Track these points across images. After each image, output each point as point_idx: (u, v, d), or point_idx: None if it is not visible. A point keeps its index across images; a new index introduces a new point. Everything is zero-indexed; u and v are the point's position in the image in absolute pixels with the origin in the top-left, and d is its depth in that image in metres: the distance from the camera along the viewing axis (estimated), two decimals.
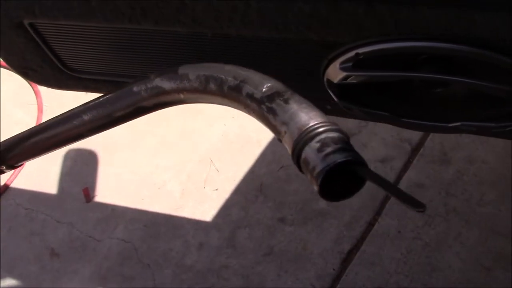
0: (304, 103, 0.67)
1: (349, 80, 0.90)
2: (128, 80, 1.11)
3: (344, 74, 0.89)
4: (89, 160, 2.14)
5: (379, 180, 0.61)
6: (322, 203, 1.92)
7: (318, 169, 0.62)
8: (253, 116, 0.72)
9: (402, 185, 1.92)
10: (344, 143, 0.62)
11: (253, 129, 2.14)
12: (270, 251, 1.86)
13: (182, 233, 1.93)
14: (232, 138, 2.13)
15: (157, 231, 1.94)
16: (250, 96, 0.69)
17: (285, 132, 0.66)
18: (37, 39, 1.05)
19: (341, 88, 0.93)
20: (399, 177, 1.94)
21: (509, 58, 0.81)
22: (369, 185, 0.66)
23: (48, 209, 2.03)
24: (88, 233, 1.97)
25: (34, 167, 2.13)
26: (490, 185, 1.87)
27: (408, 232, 1.82)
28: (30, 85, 2.32)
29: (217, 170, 2.06)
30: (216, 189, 2.01)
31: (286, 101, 0.67)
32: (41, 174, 2.12)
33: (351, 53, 0.86)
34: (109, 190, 2.05)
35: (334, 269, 1.79)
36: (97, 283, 1.86)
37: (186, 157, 2.10)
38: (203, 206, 1.98)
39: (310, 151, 0.63)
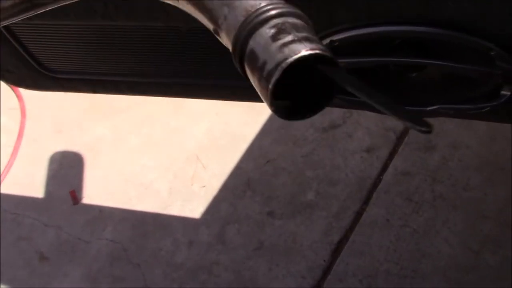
0: None
1: None
2: (104, 78, 1.11)
3: None
4: (75, 163, 2.12)
5: (359, 86, 0.46)
6: (310, 195, 1.92)
7: (270, 65, 0.44)
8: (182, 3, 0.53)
9: (389, 174, 1.92)
10: (310, 32, 0.46)
11: (238, 125, 2.13)
12: (260, 246, 1.86)
13: (171, 232, 1.93)
14: (217, 135, 2.13)
15: (146, 230, 1.94)
16: None
17: (225, 18, 0.48)
18: (11, 40, 1.04)
19: None
20: (385, 166, 1.94)
21: (481, 39, 0.82)
22: (355, 173, 0.57)
23: (35, 213, 2.02)
24: (76, 235, 1.96)
25: (20, 171, 2.12)
26: (475, 170, 1.88)
27: (396, 220, 1.83)
28: (12, 89, 2.30)
29: (204, 167, 2.05)
30: (204, 186, 2.01)
31: None
32: (27, 178, 2.10)
33: (326, 41, 0.87)
34: (96, 192, 2.04)
35: (324, 260, 1.80)
36: (88, 285, 1.85)
37: (172, 156, 2.09)
38: (191, 204, 1.98)
39: (260, 40, 0.46)
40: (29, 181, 2.10)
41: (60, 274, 1.89)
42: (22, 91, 2.30)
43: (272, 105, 0.45)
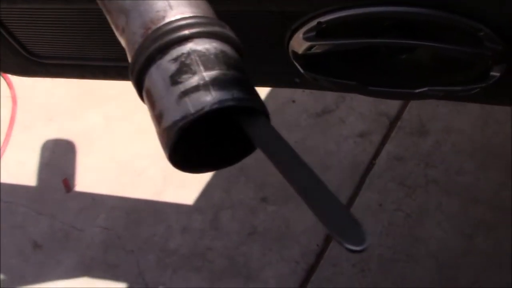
0: None
1: (313, 50, 0.89)
2: (92, 62, 1.09)
3: (308, 44, 0.88)
4: (67, 150, 2.11)
5: (273, 151, 0.36)
6: None
7: (166, 121, 0.36)
8: None
9: (382, 158, 1.92)
10: (224, 64, 0.34)
11: None
12: (253, 231, 1.86)
13: (164, 218, 1.92)
14: None
15: (139, 217, 1.93)
16: None
17: (123, 30, 0.39)
18: None
19: (307, 58, 0.92)
20: (378, 151, 1.94)
21: (470, 20, 0.81)
22: (348, 159, 0.53)
23: (28, 201, 2.01)
24: (70, 223, 1.95)
25: (12, 160, 2.11)
26: (469, 154, 1.88)
27: (389, 205, 1.83)
28: (2, 77, 2.28)
29: None
30: None
31: None
32: (19, 167, 2.09)
33: (314, 22, 0.85)
34: (89, 179, 2.04)
35: (317, 245, 1.80)
36: (82, 272, 1.85)
37: None
38: (184, 190, 1.97)
39: (157, 79, 0.36)
40: (21, 169, 2.09)
41: (53, 262, 1.89)
42: (13, 78, 2.29)
43: (172, 163, 0.37)
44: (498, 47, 0.82)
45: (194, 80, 0.34)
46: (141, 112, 2.19)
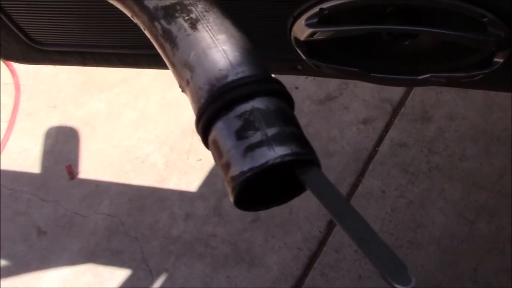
0: (226, 30, 0.40)
1: (315, 37, 0.89)
2: (94, 50, 1.09)
3: (310, 30, 0.87)
4: (71, 137, 2.12)
5: (330, 202, 0.41)
6: None
7: (233, 171, 0.40)
8: (152, 41, 0.45)
9: (385, 145, 1.92)
10: (284, 120, 0.38)
11: None
12: (256, 218, 1.87)
13: (167, 205, 1.93)
14: None
15: (143, 204, 1.94)
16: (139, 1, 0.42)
17: (188, 83, 0.42)
18: None
19: (309, 45, 0.92)
20: (381, 137, 1.94)
21: (474, 6, 0.80)
22: (351, 145, 0.56)
23: (32, 188, 2.02)
24: (74, 210, 1.97)
25: (15, 147, 2.11)
26: (471, 140, 1.88)
27: (392, 191, 1.83)
28: (6, 64, 2.28)
29: (200, 140, 2.05)
30: (200, 159, 2.01)
31: (193, 24, 0.39)
32: (22, 154, 2.10)
33: (316, 9, 0.85)
34: (92, 166, 2.04)
35: (320, 232, 1.81)
36: (86, 258, 1.87)
37: (168, 129, 2.09)
38: (188, 177, 1.98)
39: (223, 134, 0.41)
40: (25, 156, 2.10)
41: (58, 248, 1.90)
42: (16, 66, 2.29)
43: (237, 205, 0.42)
44: (501, 33, 0.81)
45: (257, 136, 0.39)
46: (144, 99, 2.20)
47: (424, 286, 1.66)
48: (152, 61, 1.09)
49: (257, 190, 0.43)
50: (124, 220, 1.92)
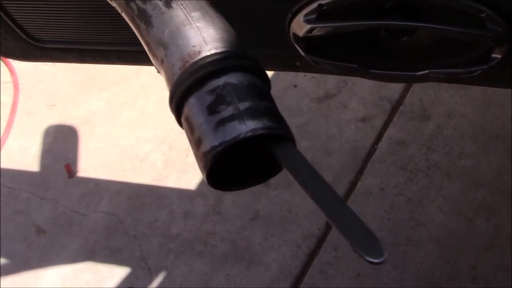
0: (201, 8, 0.39)
1: (314, 33, 0.89)
2: (93, 47, 1.09)
3: (308, 26, 0.88)
4: (69, 136, 2.12)
5: (300, 173, 0.40)
6: None
7: (204, 146, 0.40)
8: (128, 22, 0.45)
9: (383, 143, 1.92)
10: (257, 95, 0.38)
11: None
12: (255, 216, 1.87)
13: (167, 203, 1.93)
14: None
15: (142, 202, 1.94)
16: None
17: (162, 61, 0.42)
18: None
19: (307, 41, 0.92)
20: (380, 135, 1.94)
21: (472, 1, 0.80)
22: (349, 143, 0.55)
23: (31, 187, 2.02)
24: (73, 208, 1.96)
25: (14, 145, 2.11)
26: (470, 138, 1.88)
27: (390, 189, 1.84)
28: (5, 63, 2.28)
29: None
30: None
31: (168, 2, 0.40)
32: (21, 152, 2.10)
33: (314, 5, 0.85)
34: (91, 165, 2.04)
35: (319, 229, 1.81)
36: (85, 257, 1.87)
37: (167, 127, 2.09)
38: (187, 175, 1.98)
39: (195, 109, 0.41)
40: (24, 155, 2.10)
41: (57, 246, 1.90)
42: (15, 65, 2.28)
43: (209, 183, 0.42)
44: (499, 29, 0.82)
45: (229, 110, 0.38)
46: (143, 98, 2.20)
47: (423, 283, 1.66)
48: None
49: (233, 168, 0.43)
50: (123, 219, 1.92)
